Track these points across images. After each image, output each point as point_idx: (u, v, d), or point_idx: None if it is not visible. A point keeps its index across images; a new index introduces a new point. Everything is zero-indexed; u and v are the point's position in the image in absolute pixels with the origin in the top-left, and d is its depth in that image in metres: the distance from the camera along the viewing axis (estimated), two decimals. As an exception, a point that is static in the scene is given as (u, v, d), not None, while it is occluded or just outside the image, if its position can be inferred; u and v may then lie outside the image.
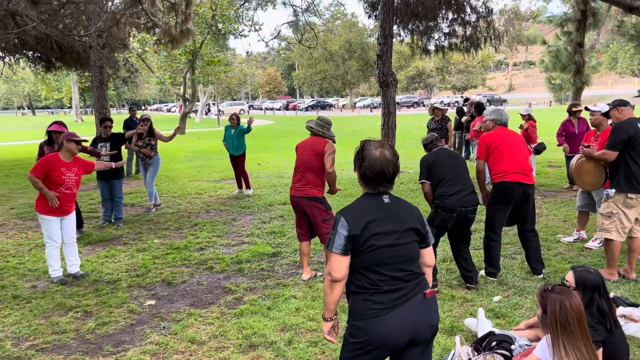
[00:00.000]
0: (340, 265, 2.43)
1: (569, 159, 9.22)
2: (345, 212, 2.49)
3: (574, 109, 9.29)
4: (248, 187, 10.35)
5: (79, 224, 7.29)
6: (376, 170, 2.48)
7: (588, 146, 5.45)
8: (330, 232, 2.48)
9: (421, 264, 2.60)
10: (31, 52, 15.26)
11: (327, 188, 5.38)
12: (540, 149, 9.07)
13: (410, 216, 2.54)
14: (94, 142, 7.90)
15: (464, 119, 13.42)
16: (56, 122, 6.78)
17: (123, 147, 8.54)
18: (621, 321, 3.91)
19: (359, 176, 2.56)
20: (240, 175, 10.29)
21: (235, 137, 10.08)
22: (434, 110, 10.29)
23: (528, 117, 10.59)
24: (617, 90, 53.83)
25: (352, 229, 2.42)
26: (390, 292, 2.44)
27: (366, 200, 2.53)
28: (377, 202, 2.51)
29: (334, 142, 5.33)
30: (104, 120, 8.02)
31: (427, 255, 2.61)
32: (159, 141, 9.00)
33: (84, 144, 6.17)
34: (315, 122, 5.32)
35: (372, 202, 2.51)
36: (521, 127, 10.14)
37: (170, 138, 8.78)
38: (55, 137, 6.76)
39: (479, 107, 11.29)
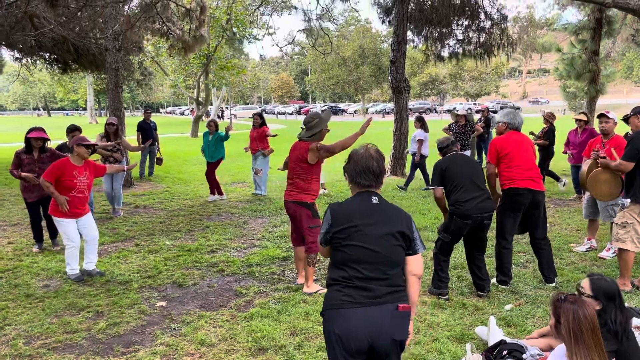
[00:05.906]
0: (325, 252, 2.68)
1: (574, 168, 9.22)
2: (333, 206, 2.60)
3: (574, 118, 9.25)
4: (213, 193, 10.17)
5: (54, 233, 6.91)
6: (361, 166, 2.59)
7: (604, 157, 5.37)
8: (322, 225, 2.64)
9: (407, 273, 2.57)
10: (48, 54, 15.43)
11: (321, 191, 5.30)
12: None
13: (398, 219, 2.55)
14: (60, 149, 7.12)
15: (477, 125, 13.50)
16: (36, 129, 6.44)
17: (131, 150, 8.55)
18: (635, 332, 3.86)
19: (348, 178, 2.66)
20: (210, 180, 10.14)
21: (213, 143, 9.99)
22: (457, 115, 10.34)
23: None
24: (633, 99, 53.23)
25: (334, 224, 2.52)
26: (362, 290, 2.45)
27: (355, 199, 2.61)
28: (365, 201, 2.58)
29: (328, 131, 5.10)
30: (72, 130, 7.32)
31: (414, 263, 2.57)
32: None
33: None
34: (305, 129, 5.10)
35: (360, 200, 2.58)
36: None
37: (135, 149, 8.63)
38: (36, 143, 6.43)
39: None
